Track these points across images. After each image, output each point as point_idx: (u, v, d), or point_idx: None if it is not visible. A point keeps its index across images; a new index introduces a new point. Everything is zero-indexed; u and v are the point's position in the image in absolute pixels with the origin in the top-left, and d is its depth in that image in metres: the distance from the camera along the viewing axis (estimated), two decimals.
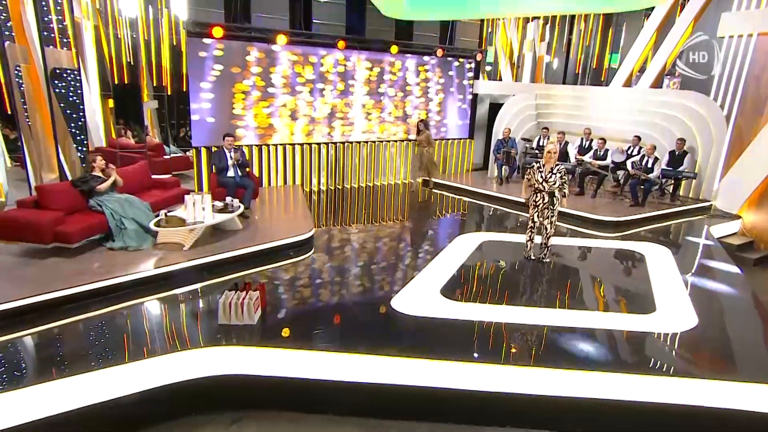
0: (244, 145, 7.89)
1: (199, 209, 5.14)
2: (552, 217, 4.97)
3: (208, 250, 5.02)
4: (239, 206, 5.82)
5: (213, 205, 5.68)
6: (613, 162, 8.17)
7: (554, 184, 4.79)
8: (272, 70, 7.71)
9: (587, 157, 8.24)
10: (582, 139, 8.69)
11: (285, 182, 8.24)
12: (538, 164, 4.85)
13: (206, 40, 7.09)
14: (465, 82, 10.03)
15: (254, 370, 3.28)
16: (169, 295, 4.26)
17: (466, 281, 4.62)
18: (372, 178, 9.20)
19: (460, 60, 9.79)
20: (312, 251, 5.35)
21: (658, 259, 5.32)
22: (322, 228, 6.27)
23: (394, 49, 8.81)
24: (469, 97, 10.19)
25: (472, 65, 10.00)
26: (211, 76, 7.26)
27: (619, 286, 4.79)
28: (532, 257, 5.17)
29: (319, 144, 8.45)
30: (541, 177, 4.74)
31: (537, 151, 8.84)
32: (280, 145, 8.12)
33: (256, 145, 8.07)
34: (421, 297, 4.19)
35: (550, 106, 10.16)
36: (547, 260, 5.09)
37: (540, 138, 9.22)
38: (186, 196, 5.12)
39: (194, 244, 5.07)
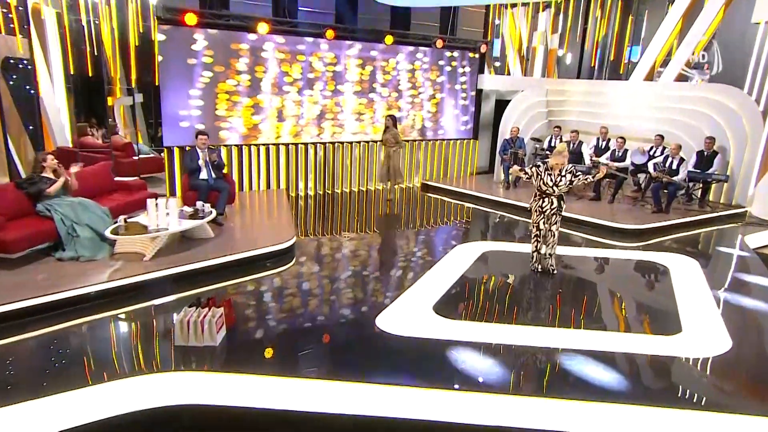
0: (224, 146, 7.83)
1: (163, 215, 4.97)
2: (558, 222, 4.86)
3: (173, 260, 4.84)
4: (211, 212, 5.67)
5: (182, 211, 5.53)
6: (632, 164, 8.10)
7: (563, 185, 4.66)
8: (258, 69, 7.76)
9: (604, 159, 8.15)
10: (598, 138, 8.63)
11: (268, 186, 8.23)
12: (545, 165, 4.71)
13: (194, 47, 7.23)
14: (467, 76, 9.99)
15: (213, 398, 3.10)
16: (123, 313, 4.12)
17: (464, 297, 4.51)
18: (365, 182, 9.17)
19: (464, 52, 9.87)
20: (293, 262, 5.27)
21: (685, 273, 5.23)
22: (307, 236, 6.25)
23: (389, 39, 8.70)
24: (473, 93, 10.16)
25: (476, 57, 9.97)
26: (200, 83, 7.42)
27: (639, 303, 4.67)
28: (540, 269, 5.07)
29: (306, 144, 8.42)
30: (551, 180, 4.62)
31: (548, 153, 8.77)
32: (263, 145, 8.10)
33: (237, 146, 7.97)
34: (411, 314, 4.08)
35: (562, 103, 10.15)
36: (555, 272, 4.99)
37: (552, 138, 9.16)
38: (148, 201, 4.95)
39: (157, 253, 4.89)
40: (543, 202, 4.74)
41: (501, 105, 10.03)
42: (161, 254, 4.94)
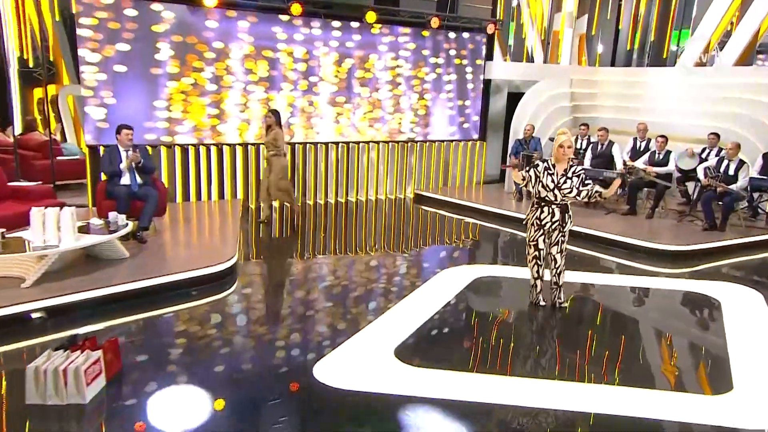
0: (165, 145, 7.66)
1: (52, 229, 4.58)
2: (563, 242, 4.53)
3: (64, 287, 4.45)
4: (126, 225, 5.31)
5: (89, 224, 5.17)
6: (679, 169, 7.95)
7: (570, 192, 4.33)
8: (219, 66, 7.87)
9: (640, 162, 7.92)
10: (635, 139, 8.46)
11: (222, 196, 8.10)
12: (545, 163, 4.38)
13: (158, 56, 7.43)
14: (471, 64, 9.92)
15: None
16: None
17: (439, 337, 4.25)
18: (344, 192, 9.18)
19: (468, 34, 9.73)
20: (230, 289, 5.10)
21: (743, 309, 4.99)
22: (259, 257, 6.23)
23: (371, 16, 8.53)
24: (480, 85, 10.07)
25: (483, 40, 9.89)
26: (166, 93, 7.61)
27: (675, 348, 4.39)
28: (543, 302, 4.73)
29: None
30: (552, 181, 4.29)
31: (572, 157, 8.36)
32: (215, 145, 7.98)
33: (180, 145, 7.77)
34: (364, 360, 3.81)
35: (592, 97, 10.18)
36: (565, 305, 4.72)
37: (577, 138, 8.98)
38: (33, 211, 4.57)
39: (44, 278, 4.49)
40: (541, 212, 4.43)
41: (515, 99, 9.87)
42: (50, 279, 4.56)
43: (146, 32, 7.32)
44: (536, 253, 4.51)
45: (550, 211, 4.38)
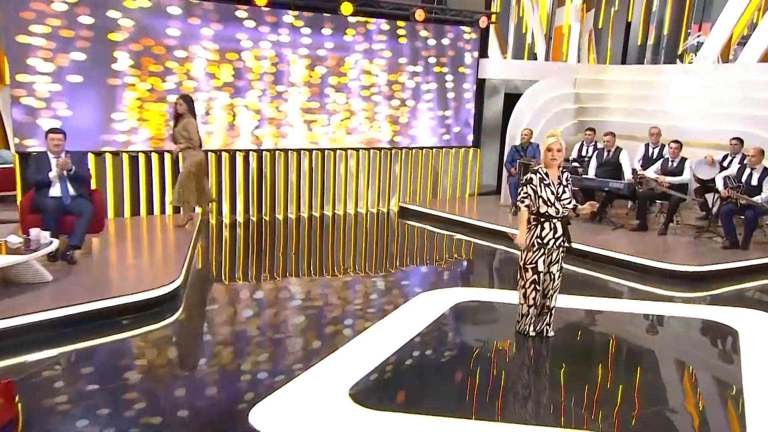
0: (110, 152, 7.55)
1: None
2: (562, 260, 4.51)
3: None
4: (49, 243, 5.10)
5: (6, 241, 4.94)
6: (696, 179, 7.87)
7: (569, 202, 4.35)
8: (178, 71, 7.93)
9: (651, 171, 7.84)
10: (647, 145, 8.45)
11: (178, 210, 7.91)
12: (538, 172, 4.33)
13: (116, 65, 7.52)
14: (463, 61, 9.84)
15: None
16: None
17: (405, 375, 4.12)
18: (318, 205, 9.15)
19: (458, 29, 9.70)
20: (170, 318, 4.96)
21: (763, 340, 4.85)
22: (214, 280, 6.21)
23: (347, 8, 8.44)
24: (473, 86, 10.05)
25: (476, 36, 9.87)
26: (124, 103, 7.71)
27: (680, 387, 4.24)
28: (532, 332, 4.62)
29: (231, 152, 8.39)
30: (552, 193, 4.26)
31: (577, 165, 8.61)
32: (168, 152, 7.83)
33: (127, 152, 7.66)
34: (313, 402, 3.65)
35: (599, 98, 10.08)
36: (551, 334, 4.64)
37: (582, 144, 9.04)
38: None
39: None
40: (542, 230, 4.34)
41: (514, 101, 9.80)
42: None
43: (102, 40, 7.39)
44: (535, 276, 4.38)
45: (552, 226, 4.31)
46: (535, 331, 4.55)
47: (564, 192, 4.25)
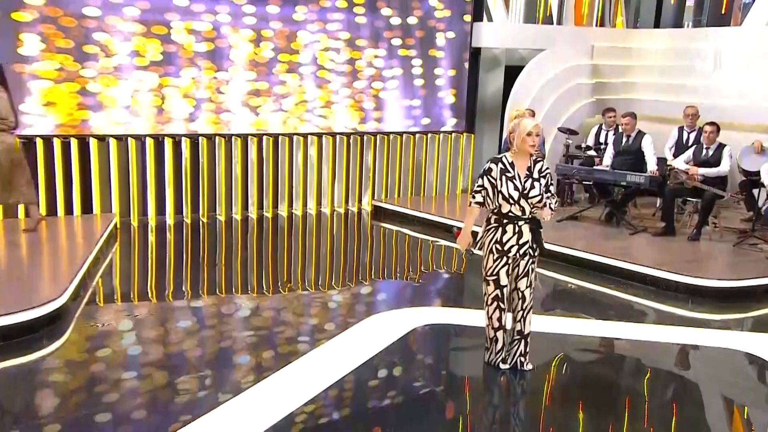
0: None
1: None
2: (533, 272, 4.34)
3: None
4: None
5: None
6: (741, 170, 7.77)
7: (538, 198, 4.19)
8: (90, 49, 7.81)
9: (681, 162, 7.63)
10: (680, 129, 8.39)
11: (89, 210, 7.92)
12: (501, 161, 4.25)
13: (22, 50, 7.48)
14: (451, 27, 9.72)
15: None
16: None
17: (328, 426, 3.95)
18: (269, 204, 9.00)
19: None
20: (50, 347, 4.78)
21: None
22: (111, 298, 6.05)
23: None
24: (466, 56, 9.93)
25: None
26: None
27: None
28: (502, 365, 4.45)
29: (158, 138, 8.25)
30: (517, 187, 4.18)
31: (593, 154, 8.72)
32: (77, 137, 7.78)
33: (22, 136, 7.33)
34: None
35: (623, 71, 9.96)
36: (529, 367, 4.46)
37: (600, 129, 9.06)
38: None
39: None
40: (503, 233, 4.23)
41: (514, 75, 9.73)
42: None
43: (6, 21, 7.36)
44: (497, 292, 4.28)
45: (516, 230, 4.19)
46: (509, 363, 4.36)
47: (533, 187, 4.10)
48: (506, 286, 4.25)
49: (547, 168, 4.28)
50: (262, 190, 8.82)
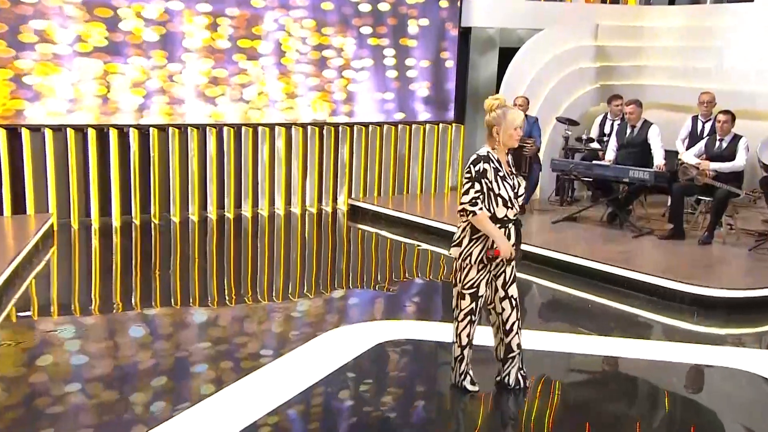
0: None
1: None
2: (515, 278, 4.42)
3: None
4: None
5: None
6: (764, 166, 7.72)
7: (524, 194, 4.40)
8: (28, 35, 7.82)
9: (691, 155, 7.58)
10: (695, 118, 8.43)
11: (21, 210, 7.85)
12: (487, 160, 4.21)
13: None
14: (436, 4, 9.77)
15: None
16: None
17: None
18: (230, 203, 8.96)
19: None
20: None
21: None
22: (30, 313, 5.95)
23: None
24: (454, 37, 9.96)
25: None
26: None
27: None
28: (470, 387, 4.43)
29: (103, 127, 8.24)
30: (512, 189, 4.25)
31: (597, 147, 8.76)
32: (6, 127, 7.76)
33: None
34: None
35: (633, 53, 9.95)
36: (526, 386, 4.53)
37: (605, 119, 9.10)
38: None
39: None
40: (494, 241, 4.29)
41: (509, 58, 9.74)
42: None
43: None
44: (473, 305, 4.28)
45: (507, 234, 4.27)
46: (510, 383, 4.38)
47: (519, 184, 4.25)
48: (482, 296, 4.25)
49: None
50: (222, 188, 8.76)
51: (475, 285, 4.24)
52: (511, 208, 4.17)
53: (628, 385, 5.03)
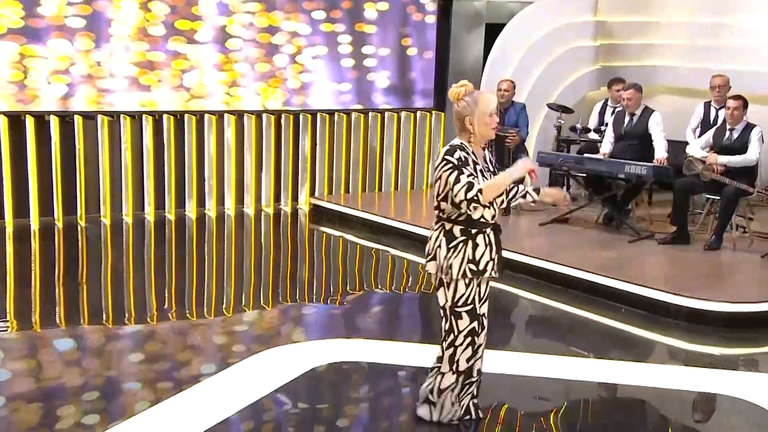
0: None
1: None
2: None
3: None
4: None
5: None
6: None
7: (503, 194, 4.28)
8: None
9: (697, 147, 7.59)
10: (707, 105, 8.53)
11: None
12: (462, 150, 4.21)
13: None
14: None
15: None
16: None
17: None
18: (171, 202, 8.96)
19: None
20: None
21: None
22: None
23: None
24: (433, 12, 9.97)
25: None
26: None
27: None
28: (456, 418, 4.43)
29: (20, 115, 8.23)
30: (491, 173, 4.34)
31: (597, 138, 8.83)
32: None
33: None
34: None
35: (638, 29, 9.99)
36: (480, 415, 4.54)
37: (605, 105, 9.18)
38: None
39: None
40: (475, 248, 4.23)
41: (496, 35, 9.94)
42: None
43: None
44: (474, 324, 4.25)
45: (488, 240, 4.18)
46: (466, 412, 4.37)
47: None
48: (484, 314, 4.22)
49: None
50: (161, 184, 8.74)
51: (470, 302, 4.18)
52: (489, 208, 4.10)
53: (606, 415, 4.98)
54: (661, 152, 7.57)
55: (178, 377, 5.16)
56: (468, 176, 4.06)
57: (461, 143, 4.17)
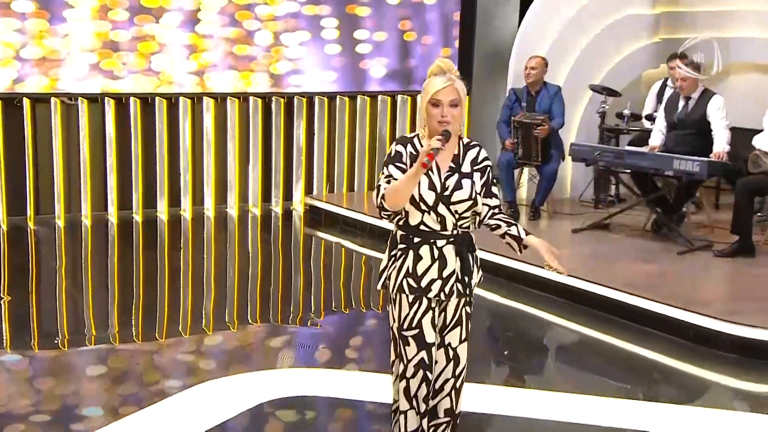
0: None
1: None
2: (468, 319, 4.31)
3: None
4: None
5: None
6: None
7: (468, 204, 4.05)
8: None
9: (765, 140, 7.49)
10: None
11: None
12: (412, 144, 4.18)
13: None
14: None
15: None
16: None
17: None
18: (140, 201, 9.12)
19: None
20: None
21: None
22: None
23: None
24: None
25: None
26: None
27: None
28: None
29: None
30: (433, 184, 4.09)
31: (651, 126, 8.94)
32: None
33: None
34: None
35: None
36: None
37: (664, 86, 9.18)
38: None
39: None
40: (416, 259, 4.17)
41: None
42: None
43: None
44: (423, 355, 4.19)
45: (435, 254, 4.06)
46: None
47: (459, 186, 3.97)
48: (434, 344, 4.15)
49: (487, 158, 4.13)
50: (127, 180, 8.86)
51: (415, 325, 4.10)
52: (428, 213, 3.97)
53: None
54: (720, 144, 7.45)
55: (104, 411, 5.11)
56: (386, 177, 4.02)
57: (414, 135, 4.14)
